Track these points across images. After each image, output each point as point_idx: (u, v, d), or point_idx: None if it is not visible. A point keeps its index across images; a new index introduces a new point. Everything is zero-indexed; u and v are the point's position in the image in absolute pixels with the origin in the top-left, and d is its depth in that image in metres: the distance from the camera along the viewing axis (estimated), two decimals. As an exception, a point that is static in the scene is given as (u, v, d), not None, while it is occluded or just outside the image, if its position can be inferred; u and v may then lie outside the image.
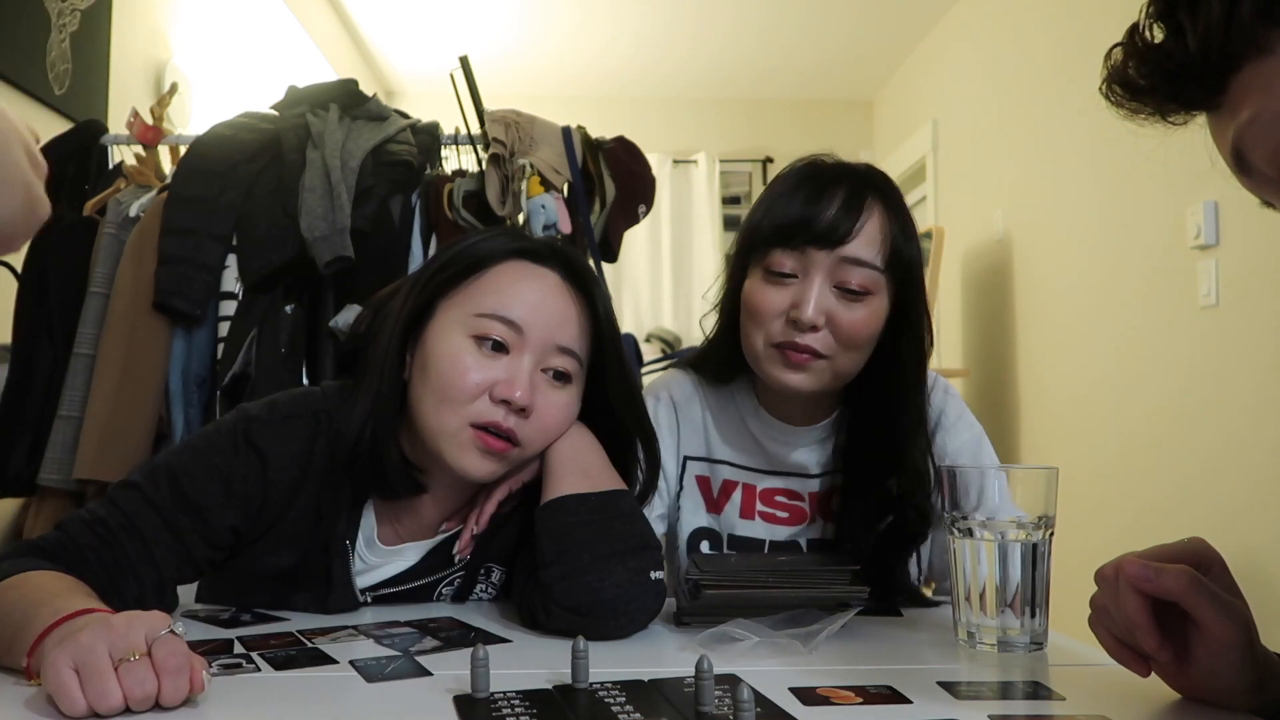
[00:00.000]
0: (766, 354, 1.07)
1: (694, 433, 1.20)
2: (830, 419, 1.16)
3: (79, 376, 1.96)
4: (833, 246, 1.03)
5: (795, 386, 1.06)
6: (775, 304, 1.05)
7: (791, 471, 1.18)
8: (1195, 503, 2.47)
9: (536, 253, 1.00)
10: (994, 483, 0.88)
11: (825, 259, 1.03)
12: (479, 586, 1.07)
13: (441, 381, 0.93)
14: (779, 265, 1.05)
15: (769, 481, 1.18)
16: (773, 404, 1.17)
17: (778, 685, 0.72)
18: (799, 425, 1.16)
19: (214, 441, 0.96)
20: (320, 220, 1.93)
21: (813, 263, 1.04)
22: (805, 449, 1.17)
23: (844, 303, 1.04)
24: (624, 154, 2.24)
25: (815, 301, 1.03)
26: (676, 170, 5.33)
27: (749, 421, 1.18)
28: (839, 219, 1.03)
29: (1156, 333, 2.70)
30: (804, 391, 1.07)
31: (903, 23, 4.46)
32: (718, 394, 1.20)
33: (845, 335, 1.04)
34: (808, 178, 1.07)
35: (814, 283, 1.03)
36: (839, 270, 1.03)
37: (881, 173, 1.11)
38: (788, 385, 1.06)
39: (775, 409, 1.17)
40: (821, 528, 1.18)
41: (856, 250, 1.03)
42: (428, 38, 4.57)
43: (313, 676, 0.76)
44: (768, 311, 1.05)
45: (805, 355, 1.04)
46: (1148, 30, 0.61)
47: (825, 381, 1.07)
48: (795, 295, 1.04)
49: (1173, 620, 0.66)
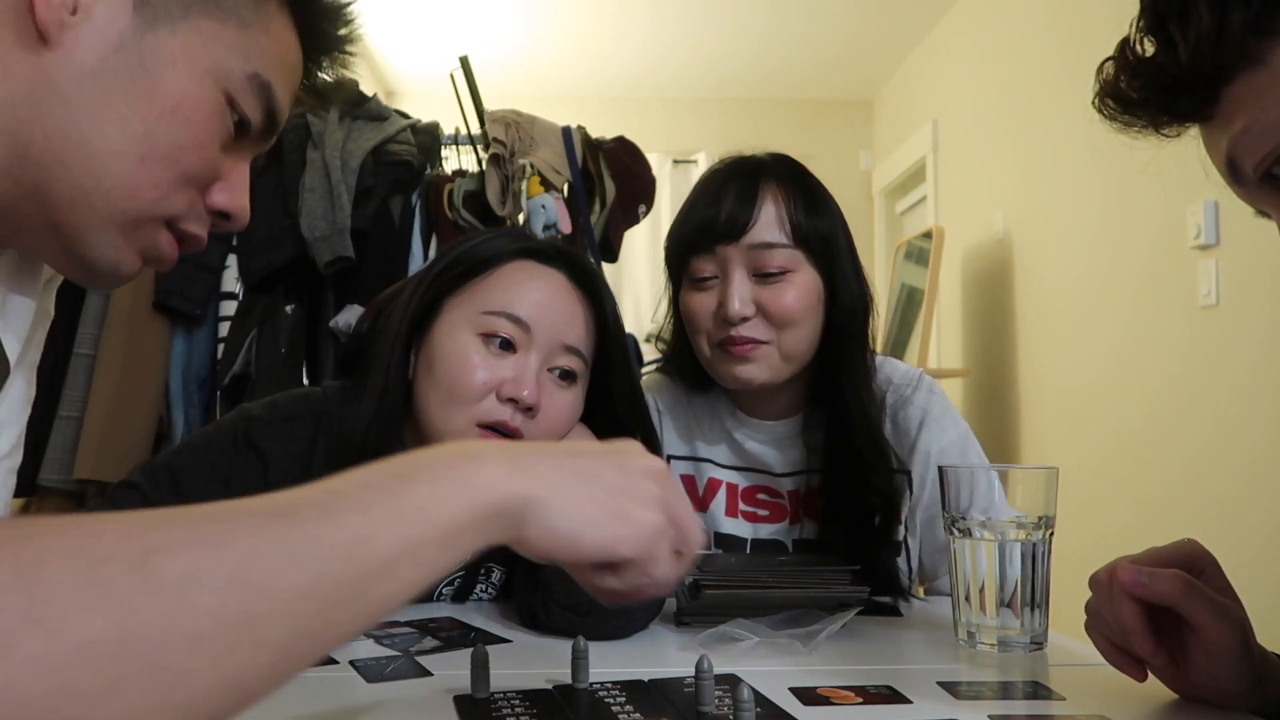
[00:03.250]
0: (714, 355, 1.10)
1: (678, 434, 1.22)
2: (796, 416, 1.17)
3: (79, 376, 1.96)
4: (737, 238, 1.06)
5: (748, 378, 1.08)
6: (705, 307, 1.09)
7: (764, 469, 1.19)
8: (1195, 502, 2.47)
9: (543, 253, 1.00)
10: (985, 481, 0.88)
11: (735, 252, 1.07)
12: (479, 586, 1.07)
13: (449, 380, 0.93)
14: (699, 271, 1.09)
15: (749, 480, 1.20)
16: (745, 402, 1.18)
17: (778, 685, 0.72)
18: (768, 420, 1.18)
19: (214, 441, 0.96)
20: (320, 220, 1.94)
21: (726, 259, 1.07)
22: (767, 444, 1.18)
23: (767, 287, 1.07)
24: (624, 154, 2.24)
25: (737, 293, 1.06)
26: (676, 170, 5.33)
27: (727, 421, 1.20)
28: (735, 210, 1.07)
29: (1157, 333, 2.70)
30: (759, 382, 1.09)
31: (903, 23, 4.46)
32: (702, 395, 1.22)
33: (777, 316, 1.06)
34: (706, 183, 1.12)
35: (733, 277, 1.07)
36: (752, 258, 1.07)
37: (780, 156, 1.14)
38: (741, 379, 1.09)
39: (748, 406, 1.18)
40: (805, 528, 1.18)
41: (760, 235, 1.07)
42: (428, 38, 4.57)
43: (313, 676, 0.76)
44: (700, 316, 1.09)
45: (747, 345, 1.07)
46: (1139, 44, 0.61)
47: (776, 365, 1.09)
48: (720, 294, 1.08)
49: (1168, 623, 0.66)
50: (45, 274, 0.73)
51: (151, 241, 0.64)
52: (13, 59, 0.56)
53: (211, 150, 0.63)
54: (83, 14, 0.57)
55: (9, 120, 0.57)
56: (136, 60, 0.59)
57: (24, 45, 0.56)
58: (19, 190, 0.58)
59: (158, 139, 0.60)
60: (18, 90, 0.56)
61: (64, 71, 0.57)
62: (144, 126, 0.59)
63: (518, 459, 0.47)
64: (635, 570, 0.52)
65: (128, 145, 0.59)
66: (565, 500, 0.48)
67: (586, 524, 0.48)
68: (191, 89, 0.61)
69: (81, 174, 0.58)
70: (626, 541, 0.50)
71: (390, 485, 0.42)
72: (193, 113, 0.61)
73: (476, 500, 0.44)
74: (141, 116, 0.59)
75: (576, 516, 0.48)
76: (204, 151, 0.63)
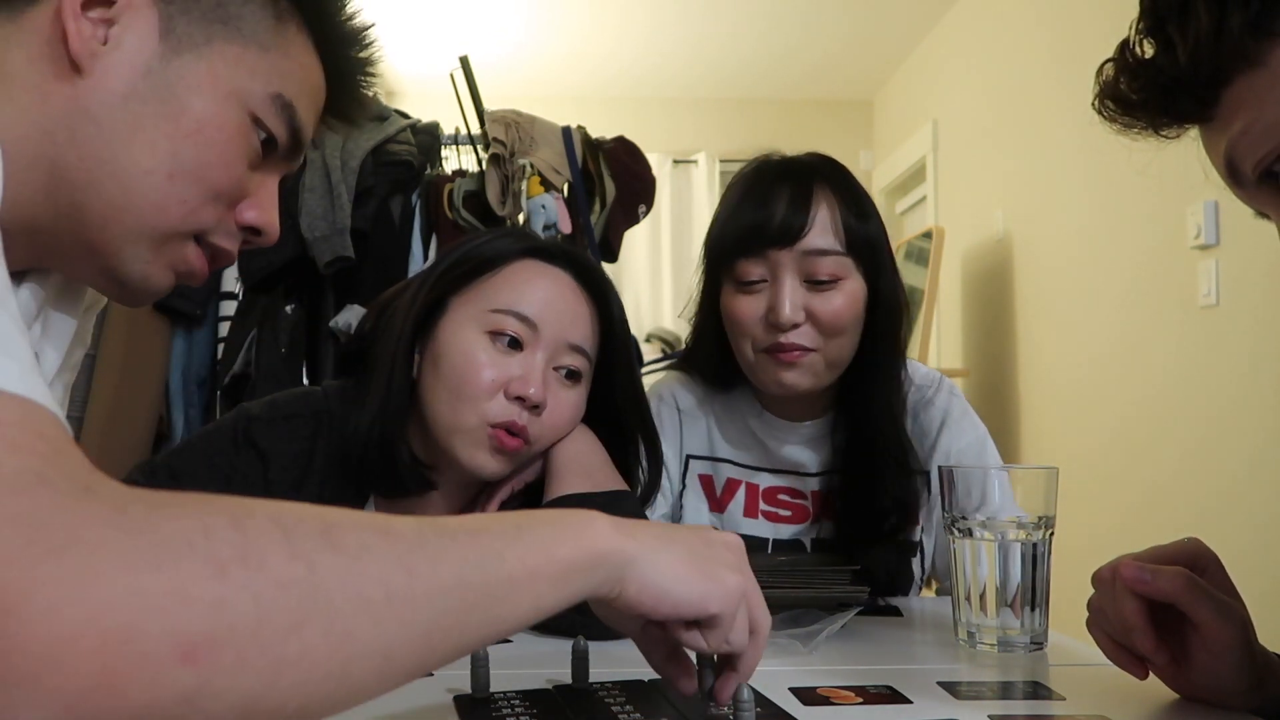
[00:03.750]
0: (758, 361, 1.08)
1: (698, 433, 1.20)
2: (827, 416, 1.17)
3: (79, 376, 1.96)
4: (791, 243, 1.04)
5: (793, 385, 1.07)
6: (752, 312, 1.07)
7: (792, 469, 1.18)
8: (1194, 501, 2.47)
9: (549, 252, 1.00)
10: (995, 483, 0.88)
11: (788, 257, 1.05)
12: (479, 586, 1.07)
13: (456, 378, 0.93)
14: (746, 274, 1.07)
15: (771, 480, 1.19)
16: (772, 402, 1.17)
17: (778, 685, 0.72)
18: (796, 421, 1.17)
19: (214, 441, 0.96)
20: (320, 220, 1.94)
21: (777, 263, 1.05)
22: (799, 445, 1.17)
23: (818, 294, 1.05)
24: (624, 154, 2.24)
25: (789, 300, 1.04)
26: (676, 170, 5.33)
27: (751, 421, 1.19)
28: (790, 215, 1.04)
29: (1157, 333, 2.70)
30: (803, 389, 1.08)
31: (903, 23, 4.46)
32: (723, 395, 1.20)
33: (827, 324, 1.05)
34: (753, 183, 1.10)
35: (784, 283, 1.05)
36: (804, 264, 1.05)
37: (826, 158, 1.13)
38: (786, 385, 1.07)
39: (775, 407, 1.17)
40: (823, 527, 1.18)
41: (815, 241, 1.05)
42: (428, 38, 4.57)
43: (313, 676, 0.76)
44: (747, 320, 1.07)
45: (795, 353, 1.05)
46: (1138, 46, 0.62)
47: (820, 373, 1.08)
48: (769, 299, 1.06)
49: (1170, 622, 0.66)
50: (86, 300, 0.75)
51: (181, 256, 0.67)
52: (49, 88, 0.60)
53: (238, 168, 0.66)
54: (113, 44, 0.61)
55: (47, 146, 0.60)
56: (164, 85, 0.62)
57: (59, 75, 0.60)
58: (57, 211, 0.62)
59: (184, 158, 0.63)
60: (54, 117, 0.60)
61: (96, 98, 0.60)
62: (171, 146, 0.62)
63: (622, 523, 0.53)
64: (720, 629, 0.57)
65: (156, 164, 0.62)
66: (662, 559, 0.54)
67: (679, 581, 0.54)
68: (216, 110, 0.64)
69: (114, 192, 0.61)
70: (714, 598, 0.55)
71: (520, 522, 0.49)
72: (217, 133, 0.64)
73: (588, 547, 0.50)
74: (169, 137, 0.62)
75: (670, 574, 0.54)
76: (230, 170, 0.65)
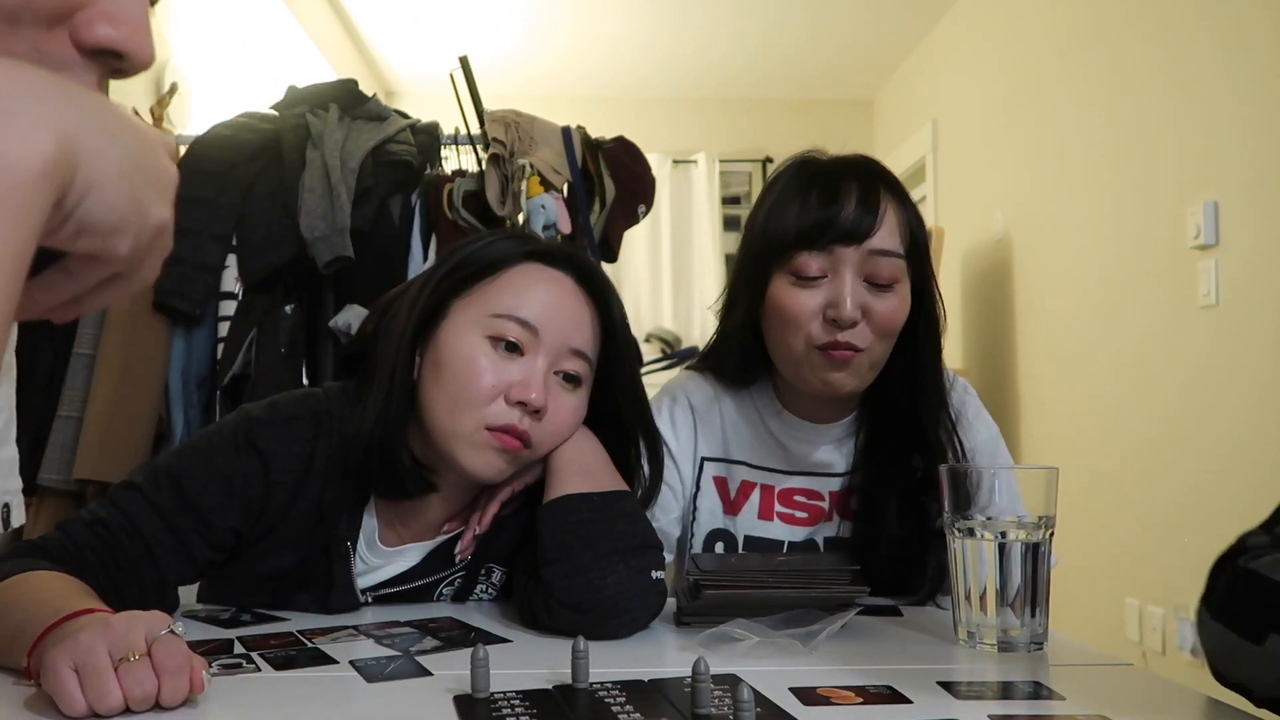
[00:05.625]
0: (808, 357, 1.06)
1: (712, 434, 1.19)
2: (851, 416, 1.16)
3: (79, 376, 1.96)
4: (859, 241, 1.04)
5: (840, 385, 1.06)
6: (810, 307, 1.05)
7: (814, 471, 1.17)
8: (1194, 500, 2.47)
9: (550, 255, 1.00)
10: (1003, 482, 0.89)
11: (854, 255, 1.04)
12: (479, 587, 1.07)
13: (457, 383, 0.93)
14: (806, 268, 1.05)
15: (789, 482, 1.18)
16: (795, 403, 1.16)
17: (778, 685, 0.72)
18: (822, 423, 1.16)
19: (215, 442, 0.96)
20: (320, 220, 1.93)
21: (841, 260, 1.04)
22: (829, 446, 1.16)
23: (875, 295, 1.05)
24: (624, 154, 2.24)
25: (851, 297, 1.03)
26: (676, 170, 5.33)
27: (770, 422, 1.17)
28: (861, 214, 1.04)
29: (1156, 333, 2.70)
30: (848, 390, 1.07)
31: (903, 23, 4.46)
32: (736, 396, 1.19)
33: (881, 326, 1.05)
34: (815, 177, 1.08)
35: (846, 279, 1.04)
36: (867, 264, 1.04)
37: (880, 163, 1.13)
38: (833, 384, 1.06)
39: (798, 408, 1.16)
40: (838, 526, 1.17)
41: (882, 242, 1.04)
42: (428, 38, 4.57)
43: (313, 676, 0.76)
44: (803, 315, 1.05)
45: (847, 352, 1.04)
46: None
47: (864, 375, 1.07)
48: (829, 295, 1.04)
49: None
50: None
51: None
52: None
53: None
54: None
55: None
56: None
57: None
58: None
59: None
60: None
61: None
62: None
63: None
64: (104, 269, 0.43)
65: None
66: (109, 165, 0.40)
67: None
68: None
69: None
70: (130, 234, 0.42)
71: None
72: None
73: None
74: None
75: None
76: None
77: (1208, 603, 0.71)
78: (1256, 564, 0.68)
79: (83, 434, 1.91)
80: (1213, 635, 0.70)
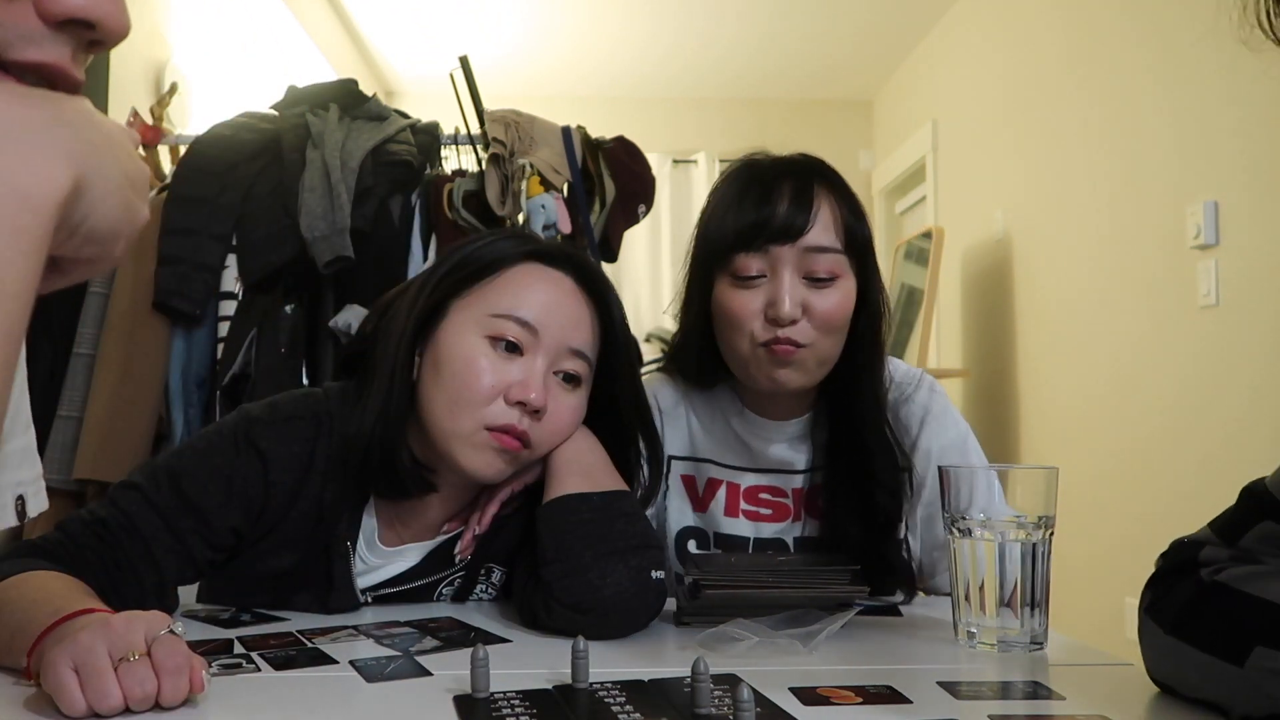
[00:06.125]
0: (754, 356, 1.08)
1: (679, 434, 1.21)
2: (809, 414, 1.17)
3: (79, 376, 1.96)
4: (794, 239, 1.05)
5: (786, 382, 1.07)
6: (751, 306, 1.06)
7: (775, 468, 1.18)
8: (1194, 500, 2.47)
9: (550, 255, 1.00)
10: (984, 481, 0.88)
11: (789, 253, 1.05)
12: (479, 587, 1.07)
13: (456, 383, 0.93)
14: (745, 269, 1.06)
15: (752, 479, 1.19)
16: (755, 401, 1.18)
17: (778, 685, 0.72)
18: (780, 420, 1.17)
19: (215, 443, 0.96)
20: (320, 220, 1.93)
21: (778, 259, 1.06)
22: (785, 444, 1.18)
23: (815, 291, 1.06)
24: (624, 154, 2.24)
25: (789, 295, 1.04)
26: (676, 170, 5.33)
27: (733, 420, 1.19)
28: (793, 212, 1.05)
29: (1157, 333, 2.70)
30: (794, 386, 1.08)
31: (903, 23, 4.46)
32: (702, 396, 1.21)
33: (823, 321, 1.06)
34: (752, 179, 1.10)
35: (784, 278, 1.05)
36: (804, 261, 1.06)
37: (819, 159, 1.14)
38: (779, 381, 1.08)
39: (757, 406, 1.18)
40: (806, 525, 1.18)
41: (817, 238, 1.06)
42: (428, 38, 4.57)
43: (313, 676, 0.76)
44: (745, 315, 1.07)
45: (790, 349, 1.05)
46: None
47: (811, 371, 1.08)
48: (768, 294, 1.06)
49: None
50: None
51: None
52: None
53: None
54: None
55: None
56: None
57: None
58: None
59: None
60: None
61: None
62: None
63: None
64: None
65: None
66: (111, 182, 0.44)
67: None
68: None
69: None
70: (125, 238, 0.45)
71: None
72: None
73: None
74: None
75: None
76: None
77: (1156, 615, 0.69)
78: (1226, 577, 0.65)
79: (83, 434, 1.91)
80: (1170, 652, 0.67)
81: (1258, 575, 0.64)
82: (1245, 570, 0.65)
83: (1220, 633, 0.64)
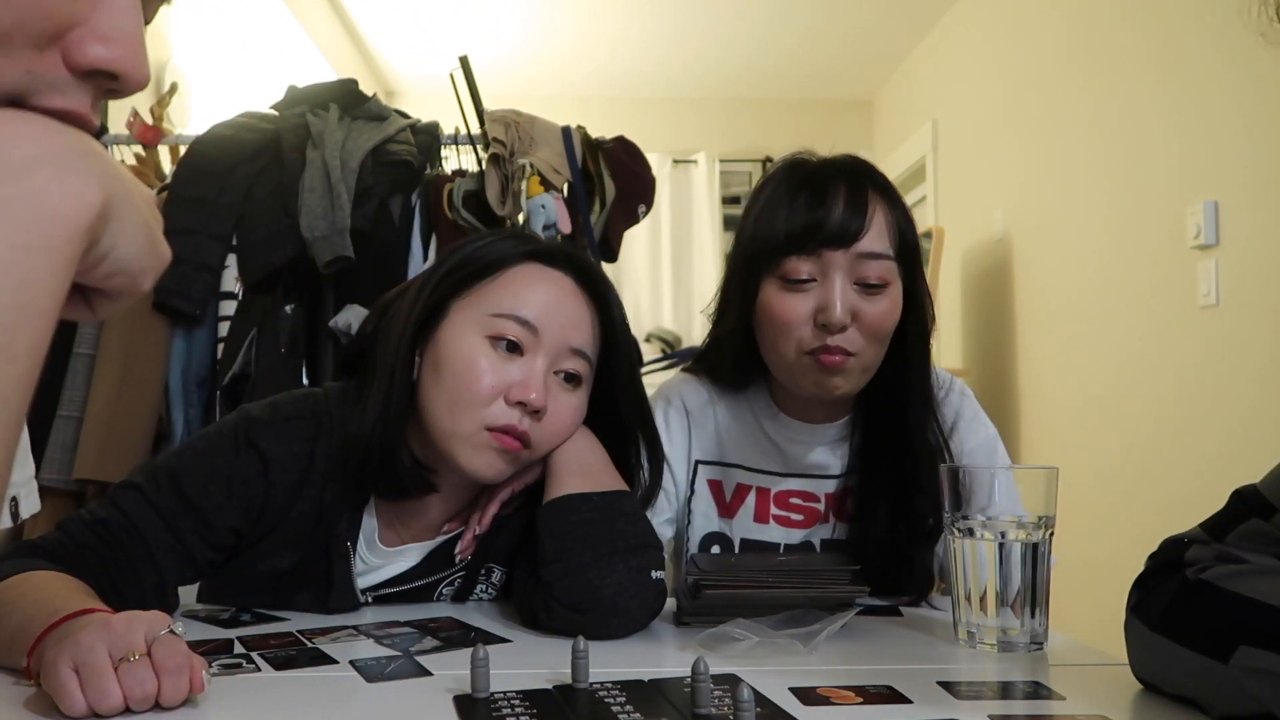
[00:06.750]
0: (799, 362, 1.06)
1: (706, 437, 1.19)
2: (847, 417, 1.16)
3: (79, 376, 1.96)
4: (848, 244, 1.03)
5: (834, 389, 1.06)
6: (800, 311, 1.04)
7: (809, 473, 1.17)
8: (1194, 500, 2.46)
9: (550, 255, 1.00)
10: (1002, 483, 0.88)
11: (842, 258, 1.03)
12: (479, 587, 1.07)
13: (456, 383, 0.93)
14: (796, 272, 1.04)
15: (785, 484, 1.18)
16: (792, 404, 1.16)
17: (778, 685, 0.72)
18: (818, 424, 1.16)
19: (215, 443, 0.96)
20: (320, 220, 1.93)
21: (830, 264, 1.03)
22: (824, 448, 1.16)
23: (865, 297, 1.04)
24: (624, 154, 2.24)
25: (841, 300, 1.02)
26: (676, 170, 5.33)
27: (765, 424, 1.17)
28: (849, 217, 1.03)
29: (1157, 333, 2.70)
30: (841, 394, 1.07)
31: (903, 23, 4.46)
32: (732, 398, 1.19)
33: (871, 329, 1.04)
34: (804, 180, 1.07)
35: (835, 283, 1.03)
36: (857, 266, 1.04)
37: (868, 162, 1.12)
38: (826, 389, 1.06)
39: (794, 409, 1.16)
40: (834, 528, 1.17)
41: (870, 244, 1.04)
42: (428, 38, 4.57)
43: (313, 676, 0.76)
44: (794, 320, 1.04)
45: (839, 357, 1.03)
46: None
47: (857, 379, 1.07)
48: (818, 299, 1.04)
49: None
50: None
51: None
52: None
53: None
54: None
55: None
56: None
57: None
58: None
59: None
60: None
61: None
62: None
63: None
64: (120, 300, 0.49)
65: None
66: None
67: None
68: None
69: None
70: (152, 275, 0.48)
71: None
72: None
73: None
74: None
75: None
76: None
77: (1142, 613, 0.69)
78: (1210, 576, 0.65)
79: (83, 434, 1.91)
80: (1154, 650, 0.68)
81: (1242, 574, 0.64)
82: (1230, 569, 0.65)
83: (1205, 631, 0.64)
